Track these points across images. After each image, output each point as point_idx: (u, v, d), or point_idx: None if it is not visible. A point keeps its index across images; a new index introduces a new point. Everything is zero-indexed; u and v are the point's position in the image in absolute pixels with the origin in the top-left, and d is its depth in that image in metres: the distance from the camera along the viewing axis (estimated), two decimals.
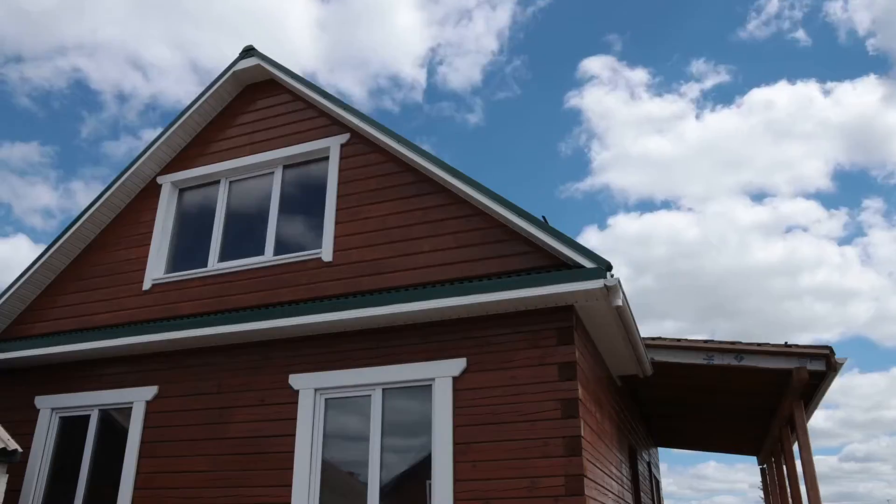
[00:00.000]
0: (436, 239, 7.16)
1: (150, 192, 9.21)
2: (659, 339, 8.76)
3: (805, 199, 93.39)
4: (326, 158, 8.30)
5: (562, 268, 6.42)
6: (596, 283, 5.99)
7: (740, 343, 8.28)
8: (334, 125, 8.34)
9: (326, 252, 7.63)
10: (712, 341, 8.44)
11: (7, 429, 8.10)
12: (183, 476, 7.25)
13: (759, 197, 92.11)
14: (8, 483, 7.50)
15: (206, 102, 9.17)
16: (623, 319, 6.72)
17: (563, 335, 6.24)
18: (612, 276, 6.02)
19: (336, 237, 7.67)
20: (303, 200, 8.30)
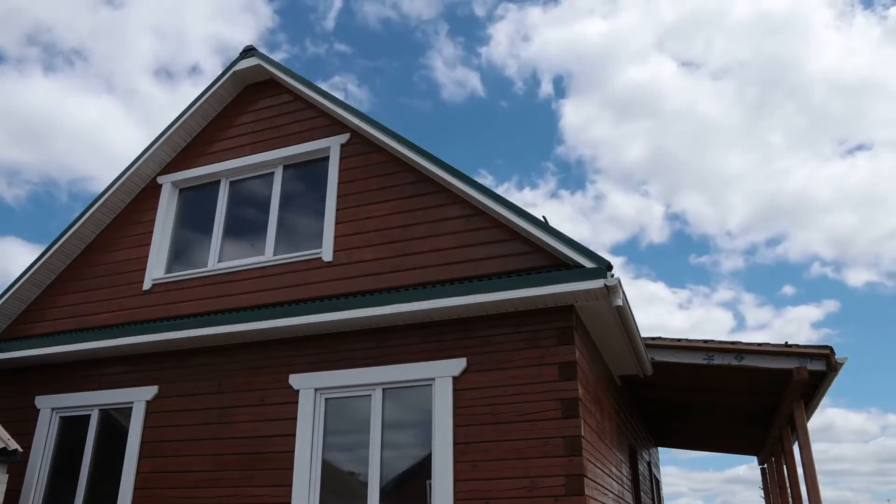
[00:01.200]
0: (436, 239, 7.15)
1: (150, 192, 9.21)
2: (659, 339, 8.76)
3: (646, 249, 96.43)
4: (327, 158, 8.29)
5: (562, 268, 6.41)
6: (596, 283, 5.99)
7: (740, 343, 8.30)
8: (335, 125, 8.34)
9: (326, 252, 7.63)
10: (712, 341, 8.45)
11: (7, 429, 8.11)
12: (183, 476, 7.25)
13: None
14: (8, 483, 7.50)
15: (207, 102, 9.16)
16: (623, 319, 6.72)
17: (563, 335, 6.23)
18: (612, 275, 6.02)
19: (336, 237, 7.67)
20: (303, 200, 8.30)
